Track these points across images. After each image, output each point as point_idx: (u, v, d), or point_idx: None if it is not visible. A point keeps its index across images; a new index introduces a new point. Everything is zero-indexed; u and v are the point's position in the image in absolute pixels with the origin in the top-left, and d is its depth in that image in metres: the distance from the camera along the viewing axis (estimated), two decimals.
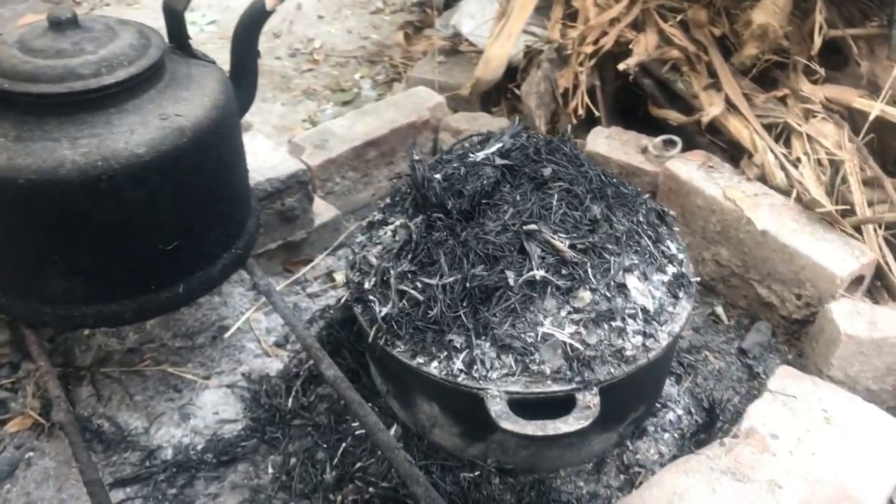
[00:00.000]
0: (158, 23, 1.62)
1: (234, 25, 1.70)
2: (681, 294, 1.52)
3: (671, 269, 1.55)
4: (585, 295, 1.40)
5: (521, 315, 1.39)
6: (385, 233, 1.59)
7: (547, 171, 1.56)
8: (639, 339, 1.40)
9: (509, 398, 1.34)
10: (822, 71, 2.08)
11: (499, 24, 2.53)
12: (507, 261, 1.41)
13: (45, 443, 1.70)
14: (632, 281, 1.46)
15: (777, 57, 2.18)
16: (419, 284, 1.43)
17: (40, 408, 1.74)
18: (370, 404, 1.66)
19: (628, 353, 1.38)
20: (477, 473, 1.51)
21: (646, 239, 1.54)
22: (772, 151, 2.01)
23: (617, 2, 2.26)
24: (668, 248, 1.59)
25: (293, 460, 1.63)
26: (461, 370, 1.37)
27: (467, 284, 1.39)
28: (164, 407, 1.78)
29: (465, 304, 1.40)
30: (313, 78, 3.18)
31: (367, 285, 1.51)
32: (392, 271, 1.47)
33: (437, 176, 1.58)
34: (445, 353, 1.39)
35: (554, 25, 2.41)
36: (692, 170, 2.07)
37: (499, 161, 1.58)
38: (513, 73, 2.72)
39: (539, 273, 1.40)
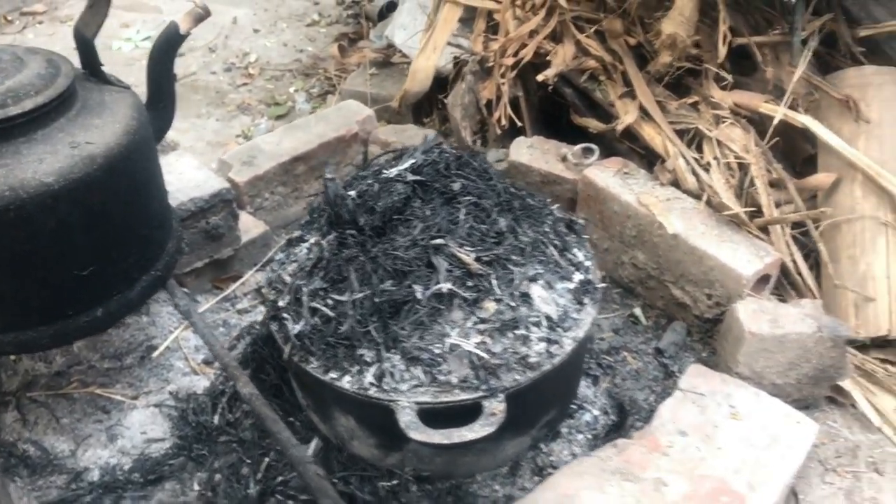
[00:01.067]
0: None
1: None
2: (586, 300, 1.58)
3: (578, 277, 1.61)
4: (490, 305, 1.46)
5: (429, 327, 1.44)
6: (301, 250, 1.63)
7: (456, 186, 1.61)
8: (542, 346, 1.46)
9: (419, 409, 1.39)
10: (730, 77, 2.16)
11: (426, 36, 2.58)
12: (415, 275, 1.46)
13: None
14: (536, 290, 1.51)
15: (690, 64, 2.26)
16: (330, 301, 1.47)
17: None
18: (292, 418, 1.71)
19: (532, 359, 1.44)
20: (395, 482, 1.56)
21: (552, 248, 1.60)
22: (683, 157, 2.09)
23: (535, 14, 2.33)
24: (575, 255, 1.65)
25: (218, 476, 1.66)
26: (372, 383, 1.42)
27: (376, 300, 1.44)
28: (92, 429, 1.80)
29: (374, 319, 1.44)
30: (248, 92, 3.21)
31: (281, 303, 1.55)
32: (305, 289, 1.51)
33: (352, 193, 1.63)
34: (357, 368, 1.44)
35: (476, 38, 2.46)
36: (609, 177, 2.14)
37: (410, 177, 1.63)
38: (444, 85, 2.77)
39: (446, 286, 1.45)
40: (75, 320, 1.56)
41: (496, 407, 1.39)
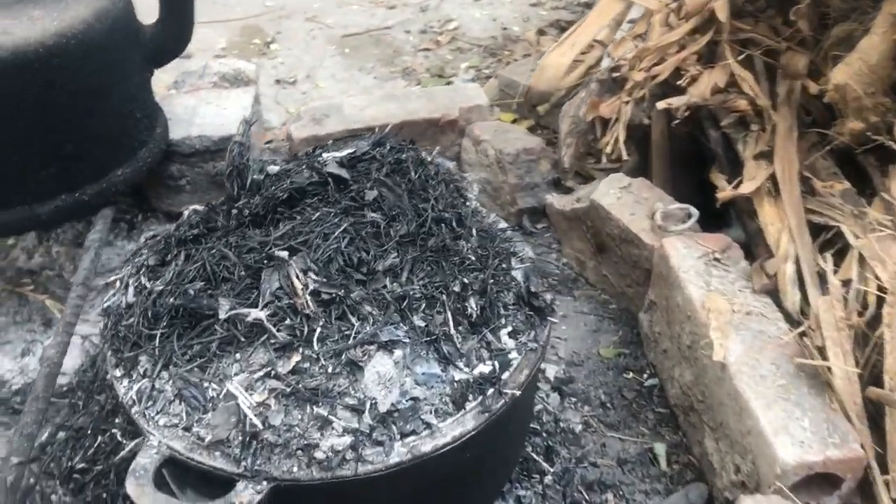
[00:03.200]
0: None
1: None
2: (471, 404, 1.09)
3: (482, 368, 1.11)
4: (294, 359, 1.05)
5: (217, 358, 1.07)
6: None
7: (370, 195, 1.20)
8: (345, 442, 1.01)
9: (170, 455, 1.05)
10: None
11: (571, 30, 2.11)
12: (231, 286, 1.10)
13: None
14: (379, 362, 1.06)
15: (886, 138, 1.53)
16: (139, 283, 1.17)
17: None
18: None
19: (320, 455, 1.01)
20: None
21: (449, 315, 1.12)
22: (796, 263, 1.42)
23: (687, 22, 1.74)
24: (498, 339, 1.15)
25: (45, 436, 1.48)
26: (135, 400, 1.10)
27: (171, 300, 1.11)
28: (19, 336, 1.71)
29: (166, 324, 1.11)
30: (424, 58, 2.95)
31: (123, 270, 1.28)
32: (137, 259, 1.23)
33: (274, 168, 1.31)
34: (135, 374, 1.13)
35: (621, 41, 1.93)
36: (690, 256, 1.53)
37: (332, 169, 1.25)
38: None
39: (257, 313, 1.07)
40: None
41: (247, 496, 1.00)
